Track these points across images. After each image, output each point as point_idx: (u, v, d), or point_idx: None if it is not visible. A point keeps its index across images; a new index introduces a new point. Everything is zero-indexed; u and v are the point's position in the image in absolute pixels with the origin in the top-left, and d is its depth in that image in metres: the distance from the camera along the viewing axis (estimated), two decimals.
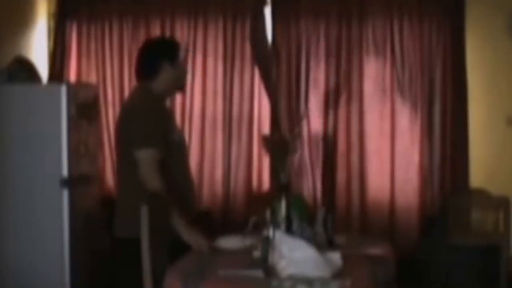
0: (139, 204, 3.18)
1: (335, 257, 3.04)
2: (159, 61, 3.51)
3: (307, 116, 5.42)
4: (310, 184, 5.42)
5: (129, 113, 3.50)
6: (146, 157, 3.33)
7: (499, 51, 5.24)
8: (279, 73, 5.45)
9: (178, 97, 5.55)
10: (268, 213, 3.42)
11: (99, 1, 5.66)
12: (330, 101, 5.39)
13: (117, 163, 3.70)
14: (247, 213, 4.68)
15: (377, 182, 5.36)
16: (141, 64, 3.58)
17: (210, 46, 5.55)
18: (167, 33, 5.56)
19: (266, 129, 5.53)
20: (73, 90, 4.72)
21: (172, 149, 3.49)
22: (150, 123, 3.40)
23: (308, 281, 2.81)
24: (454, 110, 5.25)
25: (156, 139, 3.37)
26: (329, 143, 5.40)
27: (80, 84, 5.48)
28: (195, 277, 2.94)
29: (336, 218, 4.07)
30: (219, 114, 5.55)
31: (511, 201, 4.94)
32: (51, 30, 5.76)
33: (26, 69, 4.94)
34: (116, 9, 5.64)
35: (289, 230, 3.36)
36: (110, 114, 5.60)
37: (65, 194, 4.60)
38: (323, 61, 5.40)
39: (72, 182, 4.64)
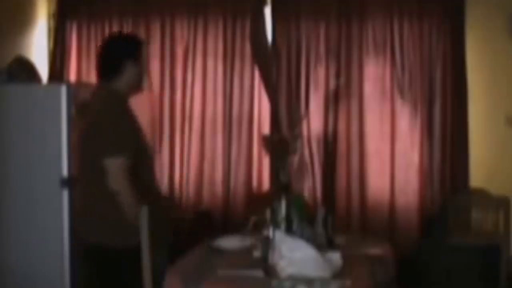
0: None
1: (335, 257, 3.04)
2: (122, 59, 3.34)
3: (307, 116, 5.41)
4: (310, 184, 5.42)
5: (98, 117, 3.29)
6: (116, 165, 3.15)
7: (499, 51, 5.24)
8: (279, 73, 5.45)
9: (178, 97, 5.56)
10: (268, 213, 3.43)
11: (99, 1, 5.66)
12: (330, 101, 5.39)
13: (89, 170, 3.35)
14: (247, 213, 4.68)
15: (377, 182, 5.35)
16: (103, 63, 3.39)
17: (210, 46, 5.55)
18: (167, 33, 5.56)
19: (266, 129, 5.52)
20: (73, 90, 4.72)
21: (141, 155, 3.33)
22: (121, 128, 3.23)
23: (308, 281, 2.81)
24: (454, 110, 5.25)
25: (126, 146, 3.20)
26: (329, 143, 5.40)
27: (80, 84, 5.47)
28: (195, 277, 2.94)
29: (336, 218, 4.07)
30: (219, 114, 5.55)
31: (511, 201, 4.94)
32: (51, 30, 5.77)
33: (26, 69, 4.94)
34: (116, 9, 5.64)
35: (289, 230, 3.37)
36: None
37: (65, 194, 4.60)
38: (323, 61, 5.40)
39: (72, 182, 4.63)
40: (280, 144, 5.28)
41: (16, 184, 4.65)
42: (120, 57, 3.35)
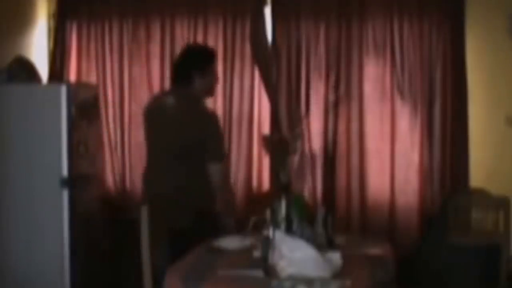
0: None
1: (335, 257, 3.04)
2: (191, 71, 3.86)
3: (307, 116, 5.41)
4: (310, 184, 5.42)
5: (199, 119, 3.79)
6: (220, 168, 3.80)
7: (499, 51, 5.24)
8: (279, 73, 5.44)
9: None
10: (268, 213, 3.43)
11: (99, 1, 5.66)
12: (330, 101, 5.39)
13: (173, 161, 3.84)
14: (247, 213, 4.68)
15: (377, 182, 5.35)
16: (176, 71, 3.94)
17: (210, 46, 5.54)
18: (167, 33, 5.56)
19: (266, 129, 5.52)
20: (73, 90, 4.73)
21: None
22: (221, 136, 3.95)
23: (308, 281, 2.82)
24: (454, 110, 5.24)
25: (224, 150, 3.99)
26: (329, 143, 5.40)
27: (80, 84, 5.48)
28: (195, 277, 2.94)
29: (336, 218, 4.07)
30: (219, 114, 5.54)
31: (511, 201, 4.94)
32: (51, 30, 5.76)
33: (26, 69, 4.94)
34: (116, 9, 5.63)
35: (289, 230, 3.37)
36: (110, 114, 5.60)
37: (65, 194, 4.61)
38: (323, 61, 5.39)
39: (72, 182, 4.64)
40: (280, 144, 5.27)
41: (16, 184, 4.66)
42: (189, 69, 3.86)
